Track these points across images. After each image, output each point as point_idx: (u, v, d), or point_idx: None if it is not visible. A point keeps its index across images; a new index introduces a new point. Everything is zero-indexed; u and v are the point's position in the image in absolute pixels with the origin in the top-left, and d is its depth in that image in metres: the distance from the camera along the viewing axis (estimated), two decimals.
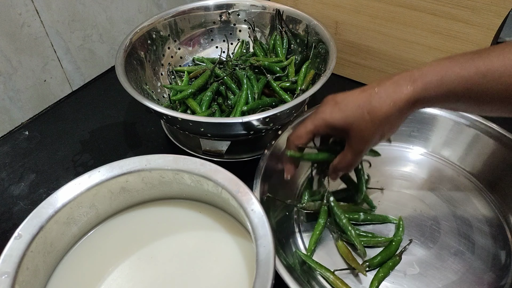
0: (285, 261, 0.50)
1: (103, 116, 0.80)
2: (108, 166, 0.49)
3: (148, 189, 0.53)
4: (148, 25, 0.72)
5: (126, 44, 0.68)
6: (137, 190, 0.52)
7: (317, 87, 0.60)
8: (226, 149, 0.67)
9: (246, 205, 0.47)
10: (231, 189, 0.48)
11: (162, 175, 0.51)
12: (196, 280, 0.48)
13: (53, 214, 0.45)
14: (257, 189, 0.55)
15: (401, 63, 0.78)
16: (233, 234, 0.52)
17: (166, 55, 0.77)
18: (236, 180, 0.49)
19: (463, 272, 0.52)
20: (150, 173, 0.50)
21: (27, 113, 0.78)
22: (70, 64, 0.82)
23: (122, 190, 0.51)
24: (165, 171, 0.50)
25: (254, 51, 0.79)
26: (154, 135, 0.76)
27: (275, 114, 0.56)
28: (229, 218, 0.53)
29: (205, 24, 0.79)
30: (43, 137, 0.76)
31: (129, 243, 0.52)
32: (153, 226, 0.54)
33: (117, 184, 0.50)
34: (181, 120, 0.57)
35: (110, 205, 0.52)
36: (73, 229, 0.49)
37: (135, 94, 0.59)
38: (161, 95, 0.74)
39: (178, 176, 0.51)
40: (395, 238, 0.56)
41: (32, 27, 0.72)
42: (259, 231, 0.44)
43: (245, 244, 0.50)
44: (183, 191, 0.54)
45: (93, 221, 0.52)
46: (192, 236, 0.52)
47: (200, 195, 0.54)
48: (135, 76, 0.67)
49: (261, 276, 0.39)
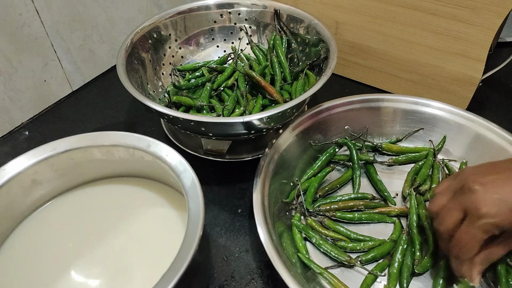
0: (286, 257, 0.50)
1: (103, 116, 0.80)
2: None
3: (59, 176, 0.53)
4: (149, 25, 0.72)
5: (127, 44, 0.68)
6: (48, 180, 0.53)
7: (318, 87, 0.60)
8: (227, 149, 0.68)
9: (160, 154, 0.50)
10: (140, 145, 0.51)
11: (71, 157, 0.52)
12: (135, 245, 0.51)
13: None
14: (257, 189, 0.55)
15: (401, 63, 0.78)
16: (174, 206, 0.55)
17: (167, 54, 0.77)
18: (145, 138, 0.52)
19: None
20: (58, 158, 0.51)
21: (27, 113, 0.78)
22: (70, 64, 0.82)
23: (33, 183, 0.52)
24: (73, 151, 0.52)
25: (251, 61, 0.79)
26: (155, 135, 0.74)
27: (276, 113, 0.56)
28: (173, 192, 0.56)
29: (206, 23, 0.79)
30: (43, 137, 0.76)
31: (76, 221, 0.54)
32: (95, 205, 0.56)
33: (27, 178, 0.51)
34: (182, 119, 0.57)
35: (26, 201, 0.52)
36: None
37: (136, 93, 0.59)
38: (162, 94, 0.75)
39: (87, 153, 0.52)
40: (390, 239, 0.56)
41: (32, 27, 0.72)
42: (185, 182, 0.47)
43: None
44: (106, 168, 0.56)
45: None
46: (136, 212, 0.55)
47: (129, 169, 0.56)
48: (136, 76, 0.67)
49: (191, 228, 0.42)
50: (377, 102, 0.68)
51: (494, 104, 0.81)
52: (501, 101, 0.82)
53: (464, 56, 0.71)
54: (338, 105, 0.67)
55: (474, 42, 0.69)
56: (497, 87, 0.84)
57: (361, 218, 0.58)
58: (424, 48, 0.74)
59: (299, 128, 0.65)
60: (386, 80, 0.82)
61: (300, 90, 0.70)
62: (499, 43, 0.92)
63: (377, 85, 0.84)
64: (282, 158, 0.61)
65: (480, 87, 0.74)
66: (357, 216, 0.58)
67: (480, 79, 0.72)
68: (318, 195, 0.61)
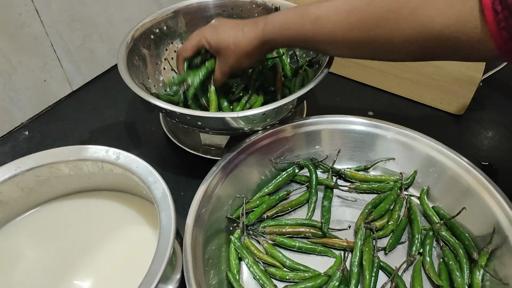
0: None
1: (103, 116, 0.80)
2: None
3: (26, 195, 0.51)
4: (150, 21, 0.73)
5: (127, 41, 0.68)
6: (15, 200, 0.51)
7: (315, 83, 0.60)
8: (225, 143, 0.68)
9: (129, 166, 0.49)
10: (109, 158, 0.49)
11: (37, 174, 0.50)
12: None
13: None
14: (196, 199, 0.54)
15: (402, 63, 0.78)
16: (147, 219, 0.54)
17: (169, 49, 0.77)
18: (114, 150, 0.50)
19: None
20: (24, 176, 0.49)
21: (27, 113, 0.78)
22: (70, 64, 0.82)
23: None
24: (39, 169, 0.49)
25: None
26: (154, 135, 0.76)
27: (271, 109, 0.57)
28: (146, 203, 0.55)
29: (207, 19, 0.79)
30: (43, 137, 0.76)
31: (47, 236, 0.52)
32: (66, 220, 0.54)
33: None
34: (179, 114, 0.57)
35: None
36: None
37: (136, 88, 0.60)
38: (163, 89, 0.75)
39: (54, 169, 0.50)
40: (325, 273, 0.52)
41: (32, 27, 0.72)
42: (155, 193, 0.46)
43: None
44: (75, 183, 0.54)
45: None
46: (108, 226, 0.54)
47: (100, 182, 0.55)
48: (137, 72, 0.68)
49: (163, 241, 0.42)
50: (350, 124, 0.64)
51: (494, 104, 0.81)
52: (502, 101, 0.82)
53: None
54: (311, 123, 0.65)
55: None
56: (498, 87, 0.84)
57: (301, 248, 0.55)
58: None
59: (263, 142, 0.62)
60: (387, 80, 0.82)
61: (299, 86, 0.70)
62: None
63: (377, 85, 0.84)
64: (239, 171, 0.60)
65: (481, 86, 0.74)
66: (297, 245, 0.55)
67: (480, 79, 0.72)
68: (266, 215, 0.58)
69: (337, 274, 0.51)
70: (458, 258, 0.53)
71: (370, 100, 0.82)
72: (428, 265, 0.53)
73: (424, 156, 0.61)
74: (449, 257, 0.53)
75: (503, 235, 0.51)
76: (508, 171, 0.68)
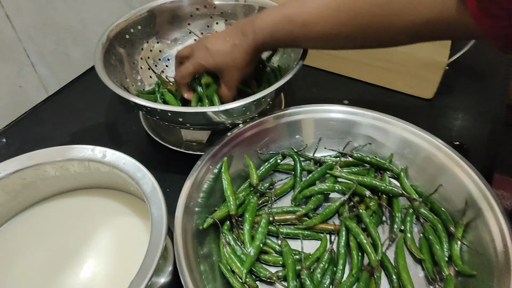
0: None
1: (83, 119, 0.80)
2: None
3: (12, 198, 0.51)
4: (124, 21, 0.73)
5: (103, 41, 0.68)
6: (1, 204, 0.51)
7: (290, 75, 0.61)
8: (207, 139, 0.69)
9: (117, 163, 0.49)
10: (95, 157, 0.50)
11: (23, 177, 0.50)
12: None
13: None
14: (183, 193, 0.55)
15: (372, 52, 0.81)
16: (137, 214, 0.54)
17: (144, 48, 0.78)
18: (99, 148, 0.51)
19: None
20: (9, 179, 0.49)
21: (3, 120, 0.77)
22: (45, 68, 0.81)
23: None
24: (24, 171, 0.49)
25: None
26: (136, 134, 0.76)
27: (251, 101, 0.58)
28: (134, 199, 0.56)
29: (182, 17, 0.80)
30: (22, 143, 0.75)
31: (37, 238, 0.52)
32: (56, 221, 0.54)
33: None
34: (160, 111, 0.58)
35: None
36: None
37: (115, 88, 0.60)
38: (142, 88, 0.76)
39: (40, 171, 0.51)
40: (312, 256, 0.54)
41: (4, 33, 0.71)
42: (145, 188, 0.47)
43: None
44: (62, 184, 0.54)
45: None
46: (98, 223, 0.54)
47: (87, 181, 0.55)
48: (114, 71, 0.68)
49: (155, 234, 0.43)
50: (328, 113, 0.67)
51: (462, 86, 0.85)
52: (468, 84, 0.86)
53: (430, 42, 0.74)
54: (290, 114, 0.67)
55: None
56: (464, 70, 0.88)
57: (288, 234, 0.57)
58: None
59: (245, 135, 0.64)
60: (357, 69, 0.85)
61: (274, 80, 0.72)
62: None
63: (350, 75, 0.87)
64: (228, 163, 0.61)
65: (448, 71, 0.78)
66: (285, 231, 0.57)
67: (446, 63, 0.75)
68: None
69: (326, 256, 0.53)
70: (437, 233, 0.56)
71: (345, 89, 0.85)
72: (410, 241, 0.56)
73: (399, 138, 0.64)
74: (429, 232, 0.56)
75: (477, 207, 0.54)
76: (477, 149, 0.71)
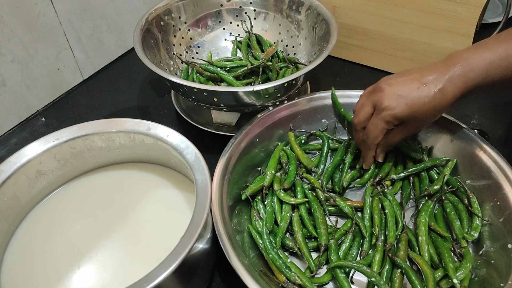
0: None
1: (116, 102, 0.83)
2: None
3: (62, 166, 0.54)
4: (162, 6, 0.77)
5: (142, 24, 0.72)
6: (52, 171, 0.54)
7: (321, 60, 0.65)
8: (236, 121, 0.72)
9: (161, 135, 0.52)
10: (141, 129, 0.53)
11: (73, 146, 0.53)
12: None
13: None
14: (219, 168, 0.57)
15: (396, 42, 0.84)
16: (178, 187, 0.57)
17: (177, 36, 0.81)
18: (144, 122, 0.53)
19: None
20: (61, 147, 0.53)
21: (42, 101, 0.81)
22: (81, 53, 0.85)
23: (38, 174, 0.52)
24: (75, 140, 0.53)
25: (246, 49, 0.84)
26: (167, 116, 0.80)
27: (281, 84, 0.61)
28: (174, 173, 0.58)
29: (213, 6, 0.83)
30: (59, 123, 0.79)
31: (81, 209, 0.55)
32: (99, 192, 0.57)
33: (32, 168, 0.51)
34: (196, 90, 0.61)
35: (30, 192, 0.53)
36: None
37: (154, 67, 0.64)
38: (174, 72, 0.79)
39: (88, 141, 0.54)
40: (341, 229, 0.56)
41: (47, 16, 0.75)
42: (188, 157, 0.49)
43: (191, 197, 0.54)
44: (107, 156, 0.57)
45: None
46: (140, 195, 0.57)
47: (130, 154, 0.58)
48: (151, 54, 0.72)
49: (201, 198, 0.45)
50: (353, 98, 0.69)
51: None
52: None
53: (453, 32, 0.77)
54: (318, 98, 0.69)
55: (462, 19, 0.75)
56: None
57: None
58: (416, 27, 0.80)
59: (275, 117, 0.66)
60: (382, 60, 0.88)
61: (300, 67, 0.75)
62: (483, 24, 0.98)
63: (374, 65, 0.90)
64: (254, 143, 0.63)
65: None
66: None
67: None
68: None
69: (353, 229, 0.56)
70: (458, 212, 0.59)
71: (369, 79, 0.87)
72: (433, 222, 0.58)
73: None
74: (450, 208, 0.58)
75: (498, 185, 0.56)
76: (498, 137, 0.74)
